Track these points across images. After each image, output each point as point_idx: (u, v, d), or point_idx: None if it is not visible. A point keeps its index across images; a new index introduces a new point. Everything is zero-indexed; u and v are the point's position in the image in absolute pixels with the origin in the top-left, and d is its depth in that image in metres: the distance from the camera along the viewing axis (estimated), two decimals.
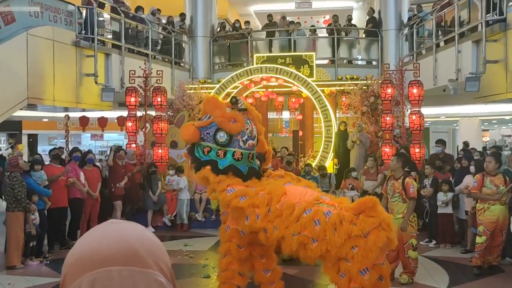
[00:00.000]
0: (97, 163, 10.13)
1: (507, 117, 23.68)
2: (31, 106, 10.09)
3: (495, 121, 27.55)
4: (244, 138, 5.06)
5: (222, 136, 4.95)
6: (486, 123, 27.48)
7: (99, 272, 0.78)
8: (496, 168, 6.79)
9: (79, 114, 14.55)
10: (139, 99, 11.05)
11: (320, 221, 4.39)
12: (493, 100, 9.94)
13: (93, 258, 0.79)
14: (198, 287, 6.60)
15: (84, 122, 14.79)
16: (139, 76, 10.91)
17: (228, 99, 5.68)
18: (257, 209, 4.57)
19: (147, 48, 12.37)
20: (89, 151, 10.02)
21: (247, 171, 5.05)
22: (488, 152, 10.35)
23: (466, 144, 11.66)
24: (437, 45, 11.33)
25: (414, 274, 6.37)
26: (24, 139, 21.57)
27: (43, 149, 21.21)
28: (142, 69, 10.93)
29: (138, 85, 10.93)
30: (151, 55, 12.37)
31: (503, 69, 8.89)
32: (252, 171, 5.10)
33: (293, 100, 13.33)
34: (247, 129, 5.08)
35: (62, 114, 13.98)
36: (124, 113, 11.70)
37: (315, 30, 16.04)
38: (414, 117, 10.39)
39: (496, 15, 8.79)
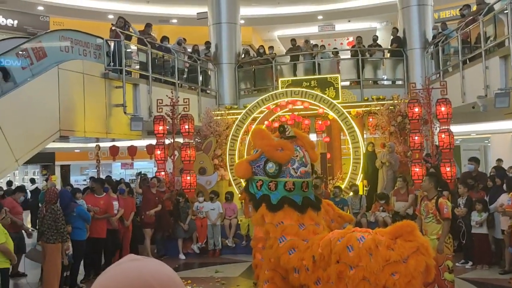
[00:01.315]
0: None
1: None
2: (63, 138, 10.35)
3: None
4: (294, 166, 4.93)
5: (271, 167, 4.88)
6: None
7: None
8: None
9: (110, 144, 14.84)
10: (167, 127, 11.21)
11: (353, 247, 4.28)
12: None
13: None
14: None
15: (114, 151, 15.05)
16: (166, 105, 11.10)
17: (277, 128, 5.55)
18: (304, 262, 4.46)
19: (173, 77, 12.60)
20: (121, 181, 10.21)
21: (301, 201, 4.89)
22: None
23: (499, 161, 11.40)
24: (464, 62, 11.21)
25: None
26: (57, 170, 22.06)
27: (75, 179, 21.65)
28: (169, 97, 11.12)
29: (165, 113, 11.11)
30: (178, 84, 12.58)
31: None
32: (306, 201, 4.92)
33: (320, 122, 13.31)
34: (297, 156, 4.96)
35: (93, 145, 14.29)
36: (153, 142, 11.88)
37: (338, 52, 16.06)
38: (443, 135, 10.23)
39: None
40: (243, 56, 15.38)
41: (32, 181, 17.87)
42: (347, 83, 14.30)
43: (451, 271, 6.16)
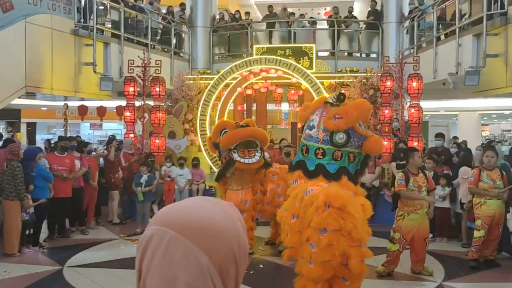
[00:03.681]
0: (93, 152, 10.10)
1: (507, 112, 23.67)
2: (30, 95, 10.07)
3: (495, 116, 27.54)
4: (305, 128, 4.96)
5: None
6: (486, 118, 27.47)
7: (158, 229, 0.89)
8: (496, 162, 6.80)
9: (78, 103, 14.54)
10: (138, 89, 11.02)
11: (299, 199, 4.28)
12: (493, 94, 9.92)
13: (162, 217, 0.91)
14: None
15: (82, 111, 14.78)
16: (138, 66, 10.87)
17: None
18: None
19: (146, 38, 12.32)
20: (88, 143, 10.08)
21: (295, 162, 4.95)
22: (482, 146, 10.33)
23: (455, 138, 11.76)
24: (438, 39, 11.28)
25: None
26: (23, 128, 21.55)
27: (41, 137, 21.22)
28: (141, 58, 10.88)
29: (136, 74, 10.90)
30: (150, 45, 12.32)
31: (503, 63, 8.85)
32: (298, 164, 4.87)
33: (292, 92, 13.29)
34: (310, 118, 4.91)
35: (61, 103, 13.97)
36: (123, 103, 11.68)
37: (315, 22, 15.94)
38: (413, 110, 10.36)
39: (497, 8, 8.75)
40: (218, 20, 15.12)
41: None
42: (322, 53, 14.25)
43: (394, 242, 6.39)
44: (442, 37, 11.37)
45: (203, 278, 0.86)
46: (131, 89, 10.83)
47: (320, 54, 13.89)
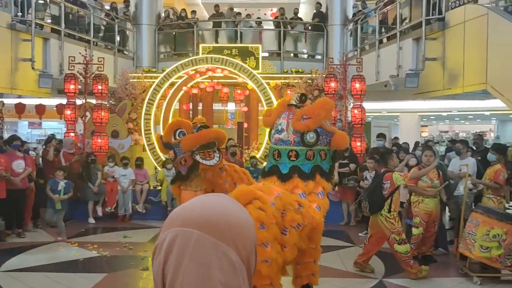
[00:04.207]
0: (32, 152, 9.70)
1: (444, 114, 24.70)
2: None
3: (433, 117, 28.67)
4: (272, 132, 4.92)
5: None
6: (425, 119, 28.56)
7: (181, 230, 0.86)
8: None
9: (15, 101, 13.94)
10: (79, 86, 10.67)
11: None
12: (431, 96, 10.30)
13: (183, 217, 0.88)
14: (137, 279, 6.46)
15: (20, 109, 14.19)
16: (79, 63, 10.53)
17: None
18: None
19: (88, 34, 11.95)
20: (25, 142, 9.63)
21: (268, 168, 4.86)
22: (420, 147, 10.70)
23: (396, 139, 12.17)
24: (380, 42, 11.60)
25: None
26: None
27: None
28: (82, 55, 10.55)
29: (78, 72, 10.55)
30: (93, 42, 11.96)
31: (441, 67, 9.21)
32: (272, 169, 4.80)
33: (239, 91, 13.28)
34: (277, 122, 4.88)
35: None
36: (63, 101, 11.28)
37: (261, 22, 16.01)
38: (356, 111, 10.60)
39: (435, 14, 9.09)
40: (164, 18, 14.90)
41: None
42: (268, 54, 14.33)
43: (401, 243, 6.26)
44: (384, 40, 11.69)
45: (235, 275, 0.86)
46: (72, 86, 10.48)
47: (266, 54, 13.96)
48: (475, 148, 9.56)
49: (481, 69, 7.94)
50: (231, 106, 14.50)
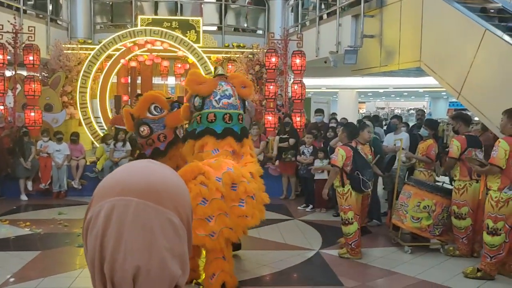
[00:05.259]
0: None
1: (381, 90, 25.44)
2: None
3: (371, 94, 29.48)
4: (216, 98, 5.20)
5: (196, 101, 5.19)
6: (363, 96, 29.33)
7: (118, 199, 0.82)
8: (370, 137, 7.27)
9: None
10: (8, 57, 10.09)
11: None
12: (368, 73, 10.54)
13: (116, 187, 0.84)
14: (73, 256, 6.29)
15: None
16: (7, 32, 9.94)
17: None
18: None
19: (17, 2, 11.27)
20: None
21: (222, 130, 5.16)
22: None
23: (334, 114, 12.44)
24: (320, 18, 11.69)
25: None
26: None
27: None
28: (11, 24, 9.96)
29: (6, 41, 9.97)
30: (23, 10, 11.30)
31: (378, 44, 9.42)
32: (227, 131, 5.18)
33: (179, 65, 13.06)
34: (219, 89, 5.23)
35: None
36: None
37: None
38: (296, 86, 10.69)
39: None
40: None
41: None
42: (209, 28, 14.13)
43: (345, 223, 6.22)
44: (325, 16, 11.80)
45: (179, 239, 0.85)
46: (0, 57, 9.90)
47: (207, 28, 13.75)
48: (417, 123, 9.86)
49: (416, 47, 8.19)
50: (171, 80, 14.24)
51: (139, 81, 13.23)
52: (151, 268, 0.81)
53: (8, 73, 10.21)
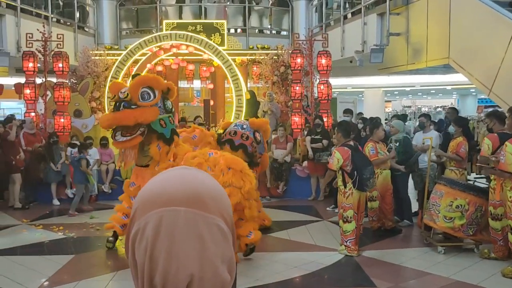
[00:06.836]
0: None
1: (408, 89, 25.10)
2: None
3: (397, 92, 29.11)
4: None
5: (170, 104, 5.96)
6: (389, 94, 28.99)
7: (167, 210, 0.82)
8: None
9: None
10: (38, 64, 10.31)
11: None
12: (395, 71, 10.42)
13: (160, 198, 0.83)
14: (106, 259, 6.37)
15: None
16: (37, 40, 10.15)
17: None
18: None
19: (46, 10, 11.51)
20: None
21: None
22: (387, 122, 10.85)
23: (360, 114, 12.32)
24: (345, 17, 11.61)
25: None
26: None
27: None
28: (40, 32, 10.17)
29: (36, 49, 10.18)
30: (51, 18, 11.54)
31: (405, 42, 9.30)
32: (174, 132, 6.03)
33: (204, 68, 13.12)
34: None
35: None
36: (22, 80, 10.88)
37: None
38: (322, 87, 10.62)
39: None
40: None
41: None
42: (233, 30, 14.18)
43: (345, 220, 6.18)
44: (349, 15, 11.71)
45: (228, 244, 0.85)
46: (31, 64, 10.12)
47: (231, 30, 13.80)
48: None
49: (444, 43, 8.05)
50: (196, 84, 14.33)
51: None
52: (204, 275, 0.80)
53: (38, 80, 10.42)
